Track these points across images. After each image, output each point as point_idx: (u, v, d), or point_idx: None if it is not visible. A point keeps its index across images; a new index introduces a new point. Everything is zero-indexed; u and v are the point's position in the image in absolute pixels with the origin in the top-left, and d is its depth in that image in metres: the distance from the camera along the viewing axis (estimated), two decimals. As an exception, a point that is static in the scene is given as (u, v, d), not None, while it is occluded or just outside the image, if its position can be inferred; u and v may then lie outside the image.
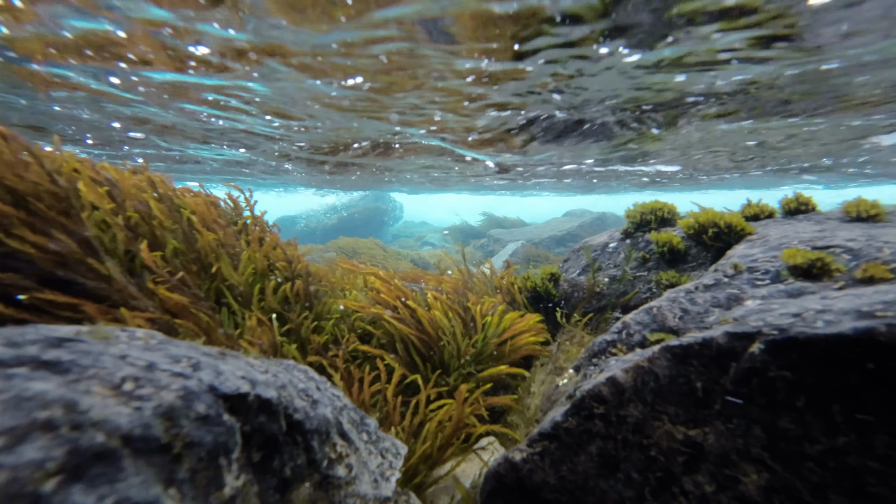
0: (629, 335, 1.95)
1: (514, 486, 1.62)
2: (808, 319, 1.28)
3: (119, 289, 1.74)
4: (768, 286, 1.80)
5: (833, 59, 3.68)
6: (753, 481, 1.24)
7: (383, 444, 1.67)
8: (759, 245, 2.28)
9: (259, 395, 1.12)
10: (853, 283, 1.56)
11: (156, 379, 0.91)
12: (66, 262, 1.60)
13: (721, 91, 4.65)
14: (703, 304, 1.87)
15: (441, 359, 2.69)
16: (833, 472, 1.12)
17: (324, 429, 1.35)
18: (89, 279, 1.67)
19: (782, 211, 3.04)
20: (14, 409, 0.65)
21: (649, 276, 3.16)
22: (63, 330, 0.93)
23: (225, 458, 0.93)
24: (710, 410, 1.39)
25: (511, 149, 8.03)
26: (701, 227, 2.87)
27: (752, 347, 1.32)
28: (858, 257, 1.72)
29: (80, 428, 0.70)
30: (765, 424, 1.27)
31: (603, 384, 1.56)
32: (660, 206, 3.46)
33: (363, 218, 23.15)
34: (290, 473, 1.15)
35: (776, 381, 1.26)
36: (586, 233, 14.28)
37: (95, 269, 1.68)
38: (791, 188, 17.89)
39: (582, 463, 1.52)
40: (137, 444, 0.76)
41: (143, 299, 1.83)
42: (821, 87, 4.57)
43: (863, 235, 1.94)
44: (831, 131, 6.94)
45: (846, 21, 2.99)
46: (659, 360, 1.50)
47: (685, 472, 1.38)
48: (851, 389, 1.11)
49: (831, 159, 9.97)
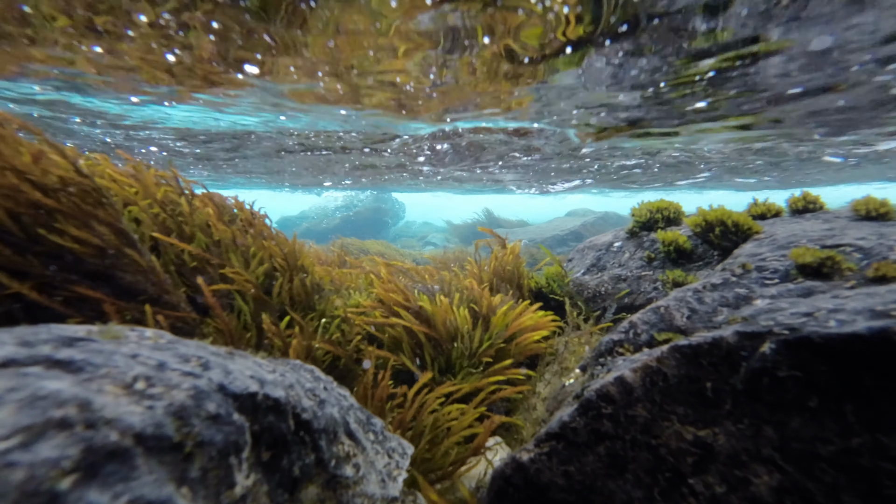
0: (636, 335, 1.94)
1: (521, 486, 1.62)
2: (821, 319, 1.27)
3: (155, 282, 1.75)
4: (777, 285, 1.78)
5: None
6: (765, 482, 1.23)
7: (390, 444, 1.66)
8: (767, 244, 2.26)
9: (268, 395, 1.12)
10: (865, 282, 1.54)
11: (166, 378, 0.91)
12: (106, 254, 1.61)
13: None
14: (712, 303, 1.86)
15: (448, 359, 2.69)
16: (847, 473, 1.11)
17: (331, 428, 1.35)
18: (128, 272, 1.68)
19: (789, 210, 3.02)
20: (30, 407, 0.66)
21: (655, 275, 3.14)
22: (75, 329, 0.93)
23: (235, 457, 0.93)
24: (719, 410, 1.38)
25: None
26: (708, 225, 2.85)
27: (763, 347, 1.31)
28: (869, 256, 1.71)
29: (94, 426, 0.70)
30: (776, 425, 1.26)
31: (611, 384, 1.55)
32: (666, 205, 3.44)
33: (365, 218, 23.18)
34: (298, 473, 1.15)
35: (787, 381, 1.25)
36: (589, 232, 14.23)
37: (135, 262, 1.68)
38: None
39: (590, 463, 1.51)
40: (150, 442, 0.76)
41: (175, 294, 1.84)
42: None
43: (873, 234, 1.92)
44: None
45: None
46: (668, 360, 1.49)
47: (695, 472, 1.37)
48: (865, 390, 1.10)
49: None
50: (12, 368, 0.72)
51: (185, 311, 1.81)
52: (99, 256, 1.60)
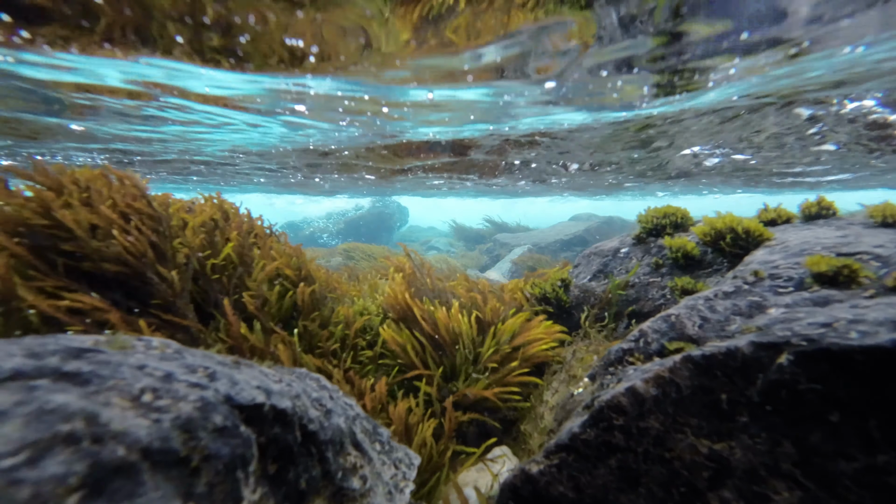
0: (646, 343, 1.91)
1: (530, 498, 1.58)
2: (840, 330, 1.23)
3: (171, 292, 1.86)
4: (792, 294, 1.74)
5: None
6: (785, 499, 1.19)
7: (396, 455, 1.64)
8: (780, 251, 2.22)
9: (274, 406, 1.10)
10: (884, 291, 1.50)
11: (173, 390, 0.90)
12: (146, 265, 1.92)
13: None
14: (724, 311, 1.82)
15: (452, 365, 2.66)
16: (872, 491, 1.06)
17: (338, 439, 1.33)
18: (150, 283, 1.82)
19: (801, 216, 2.97)
20: (36, 421, 0.64)
21: (663, 281, 3.10)
22: (82, 339, 0.93)
23: (242, 470, 0.92)
24: (735, 423, 1.34)
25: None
26: (717, 232, 2.81)
27: (781, 358, 1.28)
28: (888, 264, 1.66)
29: (101, 441, 0.69)
30: (795, 439, 1.22)
31: (622, 394, 1.52)
32: (673, 210, 3.40)
33: (369, 223, 23.24)
34: (305, 486, 1.13)
35: (807, 394, 1.21)
36: (593, 237, 14.12)
37: (159, 273, 1.83)
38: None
39: (601, 476, 1.47)
40: (156, 457, 0.75)
41: (185, 302, 1.93)
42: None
43: (891, 242, 1.88)
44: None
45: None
46: (680, 371, 1.46)
47: (710, 487, 1.33)
48: (891, 405, 1.06)
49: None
50: (20, 381, 0.71)
51: (192, 321, 1.85)
52: (137, 265, 1.77)
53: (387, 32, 2.73)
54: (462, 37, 2.82)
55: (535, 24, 2.68)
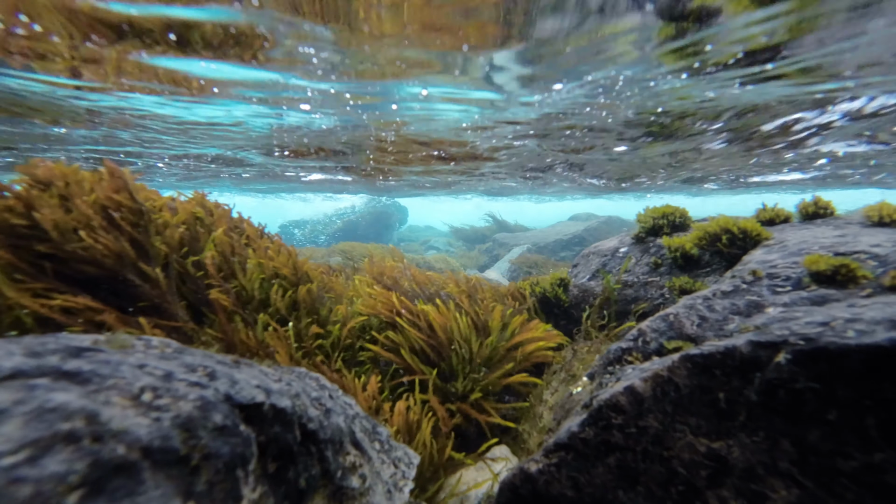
0: (645, 343, 1.91)
1: (529, 497, 1.58)
2: (838, 329, 1.24)
3: (158, 293, 1.83)
4: (790, 293, 1.75)
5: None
6: (783, 497, 1.20)
7: (396, 454, 1.64)
8: (778, 250, 2.22)
9: (274, 405, 1.10)
10: (881, 290, 1.51)
11: (173, 389, 0.90)
12: (125, 265, 1.87)
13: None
14: (722, 311, 1.83)
15: (450, 365, 2.66)
16: (870, 490, 1.07)
17: (337, 438, 1.33)
18: (135, 284, 1.79)
19: (799, 215, 2.98)
20: (37, 420, 0.65)
21: (661, 281, 3.10)
22: (82, 339, 0.93)
23: (242, 469, 0.92)
24: (733, 422, 1.34)
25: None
26: (715, 232, 2.82)
27: (778, 357, 1.28)
28: (885, 264, 1.67)
29: (101, 440, 0.69)
30: (793, 438, 1.22)
31: (621, 394, 1.52)
32: (671, 210, 3.41)
33: (368, 222, 23.21)
34: (304, 484, 1.13)
35: (805, 393, 1.22)
36: (592, 236, 14.13)
37: (145, 274, 1.79)
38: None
39: (600, 475, 1.48)
40: (157, 455, 0.75)
41: (175, 303, 1.90)
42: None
43: (888, 241, 1.89)
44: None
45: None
46: (679, 370, 1.46)
47: (709, 486, 1.33)
48: (888, 403, 1.07)
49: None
50: (20, 380, 0.71)
51: (183, 321, 1.85)
52: (116, 265, 1.72)
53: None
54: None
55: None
